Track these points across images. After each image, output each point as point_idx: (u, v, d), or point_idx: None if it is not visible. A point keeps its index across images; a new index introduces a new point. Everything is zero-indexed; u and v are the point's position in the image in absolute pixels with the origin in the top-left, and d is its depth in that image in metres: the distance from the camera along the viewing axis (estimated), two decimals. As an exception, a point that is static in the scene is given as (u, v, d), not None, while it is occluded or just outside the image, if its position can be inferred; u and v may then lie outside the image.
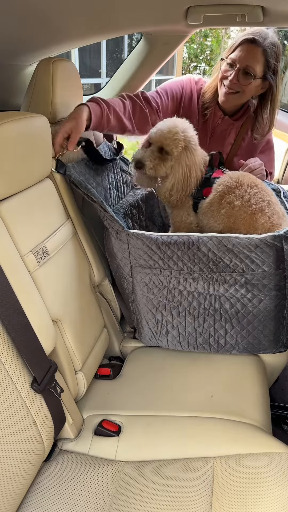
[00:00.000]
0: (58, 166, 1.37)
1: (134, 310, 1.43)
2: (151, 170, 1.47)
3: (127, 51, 7.94)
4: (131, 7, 1.37)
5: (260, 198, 1.43)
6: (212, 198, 1.49)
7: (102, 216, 1.35)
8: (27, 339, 0.98)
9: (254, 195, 1.43)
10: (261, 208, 1.41)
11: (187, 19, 1.47)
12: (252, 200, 1.42)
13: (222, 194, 1.46)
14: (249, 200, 1.42)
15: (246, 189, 1.44)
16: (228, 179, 1.48)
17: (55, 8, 1.26)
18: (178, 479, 1.02)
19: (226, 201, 1.45)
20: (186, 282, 1.33)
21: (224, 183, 1.47)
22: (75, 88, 1.54)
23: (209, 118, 1.80)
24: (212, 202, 1.49)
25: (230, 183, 1.46)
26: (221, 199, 1.46)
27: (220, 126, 1.81)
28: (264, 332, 1.34)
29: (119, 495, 1.00)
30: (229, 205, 1.44)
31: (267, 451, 1.07)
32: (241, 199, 1.43)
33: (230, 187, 1.46)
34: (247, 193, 1.43)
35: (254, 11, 1.40)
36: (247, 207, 1.42)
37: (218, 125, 1.81)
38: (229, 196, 1.45)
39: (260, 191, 1.45)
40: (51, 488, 1.02)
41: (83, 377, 1.24)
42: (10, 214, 1.08)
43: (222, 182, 1.48)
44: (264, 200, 1.43)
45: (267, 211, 1.41)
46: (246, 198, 1.43)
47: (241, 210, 1.42)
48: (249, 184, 1.46)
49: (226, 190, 1.46)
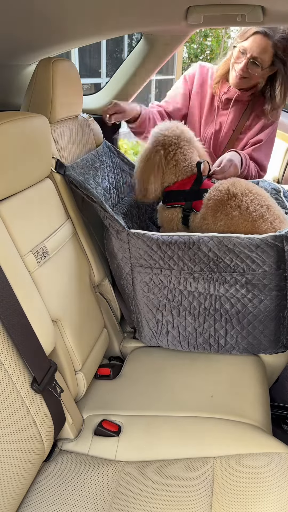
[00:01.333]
0: (58, 166, 1.37)
1: (134, 310, 1.43)
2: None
3: (127, 51, 7.94)
4: (131, 7, 1.36)
5: (258, 204, 1.42)
6: (204, 213, 1.49)
7: (102, 216, 1.35)
8: (27, 339, 0.98)
9: (251, 202, 1.42)
10: (261, 214, 1.40)
11: (187, 19, 1.47)
12: (251, 208, 1.41)
13: (215, 208, 1.46)
14: (247, 208, 1.41)
15: (242, 198, 1.43)
16: (217, 193, 1.48)
17: (55, 8, 1.26)
18: (178, 479, 1.02)
19: (223, 213, 1.44)
20: (187, 282, 1.33)
21: (215, 197, 1.47)
22: (75, 88, 1.54)
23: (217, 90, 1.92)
24: (205, 216, 1.49)
25: (221, 196, 1.46)
26: (215, 213, 1.46)
27: (227, 94, 1.89)
28: (265, 333, 1.34)
29: (119, 495, 1.00)
30: (226, 217, 1.43)
31: (267, 451, 1.07)
32: (238, 209, 1.42)
33: (222, 200, 1.45)
34: (244, 202, 1.42)
35: (254, 11, 1.40)
36: (247, 215, 1.41)
37: (225, 92, 1.89)
38: (224, 209, 1.44)
39: (256, 197, 1.44)
40: (51, 488, 1.02)
41: (83, 377, 1.24)
42: (10, 214, 1.08)
43: (211, 196, 1.48)
44: (263, 206, 1.42)
45: (267, 216, 1.40)
46: (244, 207, 1.42)
47: (241, 219, 1.41)
48: (242, 192, 1.45)
49: (219, 203, 1.46)
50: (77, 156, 1.55)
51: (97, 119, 1.82)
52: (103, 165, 1.65)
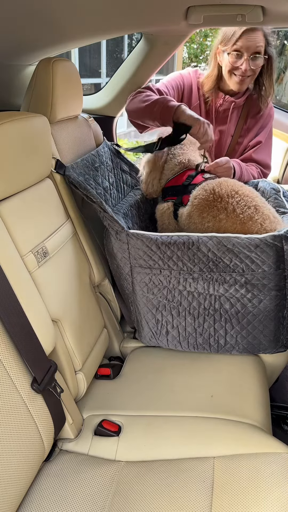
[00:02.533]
0: (57, 167, 1.37)
1: (134, 310, 1.43)
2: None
3: (127, 51, 7.93)
4: (131, 7, 1.36)
5: (245, 205, 1.41)
6: (190, 211, 1.50)
7: (102, 216, 1.35)
8: (27, 339, 0.98)
9: (237, 204, 1.42)
10: (250, 216, 1.39)
11: (187, 19, 1.47)
12: (237, 210, 1.41)
13: (200, 208, 1.47)
14: (234, 211, 1.41)
15: (228, 200, 1.43)
16: (202, 192, 1.48)
17: (55, 8, 1.26)
18: (178, 479, 1.02)
19: (210, 214, 1.44)
20: (186, 282, 1.32)
21: (199, 196, 1.48)
22: (75, 88, 1.54)
23: (211, 102, 1.91)
24: (191, 214, 1.50)
25: (205, 196, 1.46)
26: (201, 213, 1.46)
27: (223, 105, 1.89)
28: (264, 332, 1.34)
29: (119, 495, 1.00)
30: (214, 219, 1.43)
31: (267, 451, 1.07)
32: (225, 211, 1.42)
33: (207, 200, 1.45)
34: (230, 204, 1.42)
35: (254, 11, 1.40)
36: (234, 217, 1.40)
37: (221, 104, 1.89)
38: (211, 210, 1.44)
39: (243, 198, 1.43)
40: (51, 488, 1.02)
41: (83, 377, 1.24)
42: (10, 214, 1.08)
43: (197, 195, 1.49)
44: (250, 207, 1.41)
45: (257, 217, 1.39)
46: (230, 209, 1.41)
47: (229, 222, 1.41)
48: (228, 193, 1.44)
49: (204, 203, 1.46)
50: (77, 156, 1.55)
51: (97, 119, 1.82)
52: (103, 165, 1.65)
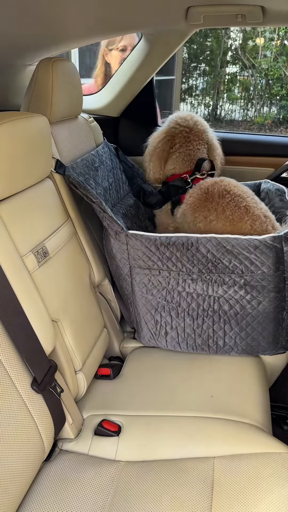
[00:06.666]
0: (57, 167, 1.37)
1: (133, 311, 1.43)
2: None
3: (127, 51, 7.91)
4: (131, 7, 1.36)
5: (235, 205, 1.41)
6: (184, 209, 1.52)
7: (101, 216, 1.35)
8: (27, 339, 0.99)
9: (227, 204, 1.42)
10: (240, 216, 1.40)
11: (187, 19, 1.47)
12: (227, 212, 1.41)
13: (193, 208, 1.48)
14: (224, 212, 1.41)
15: (218, 200, 1.44)
16: (197, 190, 1.49)
17: (55, 8, 1.26)
18: (178, 479, 1.02)
19: (201, 214, 1.45)
20: (185, 283, 1.32)
21: (194, 195, 1.49)
22: (75, 88, 1.54)
23: None
24: (185, 212, 1.51)
25: (199, 195, 1.47)
26: (194, 212, 1.47)
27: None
28: (263, 334, 1.34)
29: (119, 495, 1.00)
30: (205, 220, 1.44)
31: (267, 451, 1.07)
32: (215, 212, 1.43)
33: (200, 199, 1.46)
34: (220, 205, 1.43)
35: (254, 11, 1.40)
36: (224, 219, 1.41)
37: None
38: (203, 211, 1.45)
39: (233, 198, 1.43)
40: (51, 488, 1.02)
41: (83, 377, 1.24)
42: (10, 214, 1.08)
43: (192, 193, 1.51)
44: (240, 207, 1.41)
45: (246, 218, 1.40)
46: (220, 210, 1.42)
47: (219, 223, 1.41)
48: (219, 193, 1.45)
49: (198, 202, 1.47)
50: (77, 156, 1.55)
51: (97, 119, 1.82)
52: (103, 165, 1.65)
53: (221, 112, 9.82)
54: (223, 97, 9.85)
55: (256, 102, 9.30)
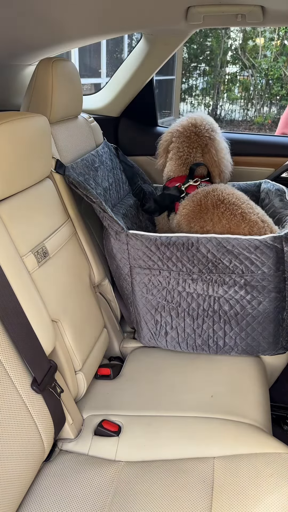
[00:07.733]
0: (57, 167, 1.37)
1: (133, 311, 1.43)
2: None
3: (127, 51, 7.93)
4: (131, 7, 1.36)
5: (230, 214, 1.42)
6: (179, 220, 1.52)
7: (102, 216, 1.35)
8: (27, 339, 0.99)
9: (222, 214, 1.42)
10: (237, 224, 1.40)
11: (187, 19, 1.47)
12: (223, 221, 1.41)
13: (187, 219, 1.48)
14: (220, 221, 1.42)
15: (213, 210, 1.44)
16: (190, 203, 1.50)
17: (55, 8, 1.26)
18: (178, 479, 1.02)
19: (197, 225, 1.46)
20: (185, 283, 1.32)
21: (187, 207, 1.49)
22: (75, 88, 1.54)
23: None
24: (180, 223, 1.51)
25: (192, 207, 1.47)
26: (189, 223, 1.48)
27: None
28: (263, 334, 1.34)
29: (119, 495, 1.00)
30: (201, 230, 1.45)
31: (267, 451, 1.07)
32: (211, 222, 1.43)
33: (194, 211, 1.47)
34: (215, 215, 1.43)
35: (254, 11, 1.40)
36: (221, 228, 1.41)
37: None
38: (198, 221, 1.45)
39: (228, 207, 1.43)
40: (51, 488, 1.02)
41: (83, 377, 1.24)
42: (10, 214, 1.08)
43: (185, 205, 1.51)
44: (236, 215, 1.41)
45: (244, 225, 1.40)
46: (216, 220, 1.43)
47: (217, 232, 1.41)
48: (213, 204, 1.45)
49: (192, 214, 1.47)
50: (77, 156, 1.55)
51: (97, 119, 1.82)
52: (103, 165, 1.65)
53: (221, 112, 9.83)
54: (223, 97, 9.86)
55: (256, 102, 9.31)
